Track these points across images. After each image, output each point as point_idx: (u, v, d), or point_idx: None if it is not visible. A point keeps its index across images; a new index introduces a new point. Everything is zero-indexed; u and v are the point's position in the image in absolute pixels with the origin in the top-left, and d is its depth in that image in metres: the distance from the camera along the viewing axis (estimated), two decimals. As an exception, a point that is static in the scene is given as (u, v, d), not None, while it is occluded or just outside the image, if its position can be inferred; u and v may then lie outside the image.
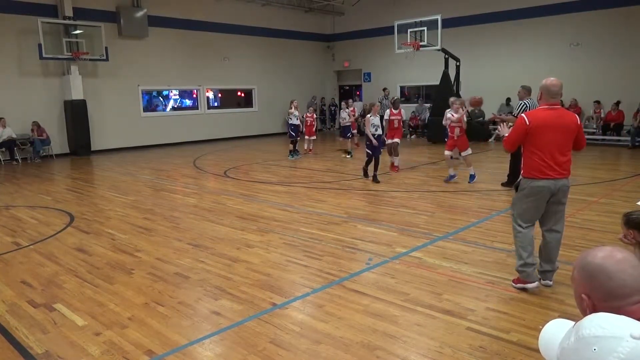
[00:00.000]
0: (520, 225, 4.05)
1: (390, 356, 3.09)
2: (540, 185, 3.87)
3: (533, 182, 3.90)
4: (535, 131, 3.82)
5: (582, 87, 15.14)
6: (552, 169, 3.83)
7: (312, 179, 9.94)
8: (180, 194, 8.78)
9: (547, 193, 3.89)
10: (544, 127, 3.80)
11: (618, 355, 0.80)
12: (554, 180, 3.84)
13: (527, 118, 3.87)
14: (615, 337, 0.85)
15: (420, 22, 15.05)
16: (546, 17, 15.70)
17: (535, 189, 3.90)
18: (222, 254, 5.26)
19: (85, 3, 14.77)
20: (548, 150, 3.82)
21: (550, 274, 4.10)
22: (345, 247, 5.38)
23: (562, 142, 3.83)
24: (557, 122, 3.81)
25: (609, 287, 1.07)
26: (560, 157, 3.84)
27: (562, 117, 3.86)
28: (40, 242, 5.91)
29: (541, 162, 3.84)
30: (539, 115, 3.85)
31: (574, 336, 0.89)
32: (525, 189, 3.97)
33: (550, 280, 4.10)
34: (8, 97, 13.71)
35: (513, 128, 4.02)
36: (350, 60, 21.99)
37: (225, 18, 18.36)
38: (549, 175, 3.83)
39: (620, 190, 7.91)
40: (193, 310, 3.86)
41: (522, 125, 3.87)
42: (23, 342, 3.40)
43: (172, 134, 17.43)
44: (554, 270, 4.11)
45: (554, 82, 3.81)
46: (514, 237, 4.14)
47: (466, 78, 16.16)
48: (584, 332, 0.87)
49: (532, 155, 3.88)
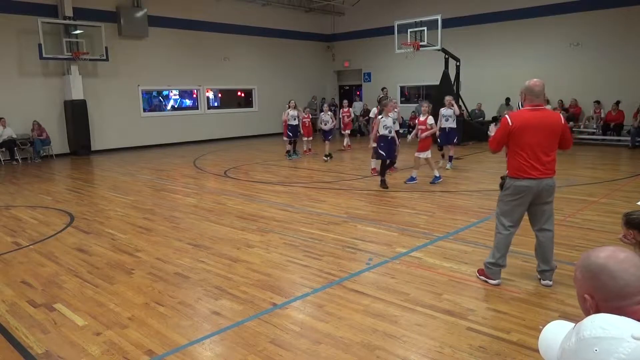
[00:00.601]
0: (503, 225, 4.11)
1: (390, 356, 3.09)
2: (524, 185, 3.92)
3: (517, 181, 3.96)
4: (519, 132, 3.88)
5: (582, 87, 15.16)
6: (535, 169, 3.88)
7: (312, 179, 9.94)
8: (180, 194, 8.78)
9: (530, 193, 3.94)
10: (528, 127, 3.85)
11: (619, 356, 0.80)
12: (537, 180, 3.89)
13: (511, 119, 3.93)
14: (616, 338, 0.85)
15: (420, 22, 15.04)
16: (546, 17, 15.71)
17: (518, 189, 3.96)
18: (222, 254, 5.26)
19: (85, 3, 14.77)
20: (531, 150, 3.87)
21: (549, 274, 4.12)
22: (346, 247, 5.38)
23: (545, 142, 3.88)
24: (541, 122, 3.86)
25: (612, 287, 1.07)
26: (543, 157, 3.88)
27: (546, 117, 3.91)
28: (41, 242, 5.91)
29: (524, 162, 3.89)
30: (523, 116, 3.91)
31: (575, 337, 0.89)
32: (509, 188, 4.03)
33: (550, 280, 4.12)
34: (8, 97, 13.72)
35: (498, 128, 4.10)
36: (350, 60, 22.00)
37: (225, 18, 18.36)
38: (532, 175, 3.89)
39: (620, 190, 7.91)
40: (193, 310, 3.86)
41: (506, 125, 3.94)
42: (23, 342, 3.40)
43: (172, 134, 17.44)
44: (552, 269, 4.13)
45: (536, 82, 3.88)
46: (495, 234, 4.21)
47: (466, 78, 16.16)
48: (584, 333, 0.87)
49: (516, 156, 3.94)
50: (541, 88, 3.87)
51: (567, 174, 9.68)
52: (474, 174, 10.09)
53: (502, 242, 4.12)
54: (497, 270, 4.16)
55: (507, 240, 4.13)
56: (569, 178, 8.93)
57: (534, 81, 3.89)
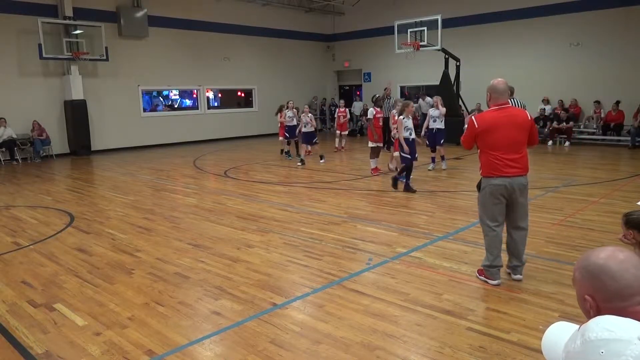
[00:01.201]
0: (489, 226, 4.14)
1: (390, 356, 3.09)
2: (497, 183, 4.00)
3: (490, 180, 4.04)
4: (486, 133, 3.99)
5: (582, 87, 15.16)
6: (507, 166, 3.96)
7: (312, 179, 9.94)
8: (180, 194, 8.78)
9: (505, 191, 4.00)
10: (494, 127, 3.96)
11: (627, 358, 0.80)
12: (510, 178, 3.97)
13: (477, 121, 4.05)
14: (623, 340, 0.84)
15: (420, 22, 15.04)
16: (546, 17, 15.70)
17: (492, 187, 4.03)
18: (222, 254, 5.26)
19: (85, 3, 14.77)
20: (502, 148, 3.96)
21: (520, 268, 4.24)
22: (345, 247, 5.38)
23: (514, 139, 3.97)
24: (509, 120, 3.97)
25: (612, 288, 1.07)
26: (514, 155, 3.98)
27: (513, 115, 4.02)
28: (41, 242, 5.91)
29: (496, 160, 3.98)
30: (488, 117, 4.04)
31: (580, 339, 0.89)
32: (485, 188, 4.10)
33: (520, 274, 4.24)
34: (8, 97, 13.71)
35: (466, 129, 4.20)
36: (350, 60, 21.99)
37: (225, 18, 18.36)
38: (505, 172, 3.96)
39: (620, 190, 7.90)
40: (193, 310, 3.86)
41: (472, 127, 4.07)
42: (23, 342, 3.40)
43: (172, 134, 17.44)
44: (523, 264, 4.24)
45: (500, 80, 4.06)
46: (484, 237, 4.24)
47: (466, 78, 16.16)
48: (590, 335, 0.87)
49: (487, 155, 4.04)
50: (505, 86, 4.04)
51: (567, 174, 9.69)
52: (474, 174, 10.06)
53: (492, 243, 4.15)
54: (496, 270, 4.17)
55: (497, 240, 4.15)
56: (569, 178, 8.92)
57: (498, 80, 4.08)
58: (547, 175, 9.37)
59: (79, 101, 14.74)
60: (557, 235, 5.56)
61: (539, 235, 5.46)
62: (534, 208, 6.13)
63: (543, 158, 12.01)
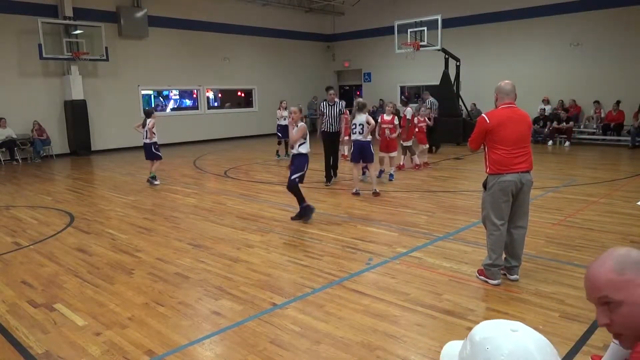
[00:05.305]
0: (495, 224, 4.14)
1: (390, 356, 3.09)
2: (507, 179, 4.02)
3: (500, 177, 4.05)
4: (497, 128, 4.04)
5: (582, 87, 15.16)
6: (517, 162, 4.02)
7: (312, 179, 9.93)
8: (180, 194, 8.77)
9: (514, 187, 4.03)
10: (505, 123, 4.04)
11: (507, 346, 0.88)
12: (519, 174, 4.02)
13: (488, 117, 4.11)
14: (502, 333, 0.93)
15: (420, 22, 15.04)
16: (546, 17, 15.70)
17: (502, 184, 4.04)
18: (222, 254, 5.26)
19: (85, 3, 14.77)
20: (513, 143, 4.03)
21: (517, 269, 4.27)
22: (345, 247, 5.38)
23: (523, 134, 4.10)
24: (516, 117, 4.09)
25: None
26: (522, 150, 4.07)
27: (519, 114, 4.15)
28: (41, 242, 5.91)
29: (507, 155, 4.03)
30: (498, 114, 4.11)
31: (469, 344, 0.96)
32: (494, 185, 4.09)
33: (517, 274, 4.25)
34: (8, 97, 13.72)
35: (475, 127, 4.21)
36: (350, 60, 21.99)
37: (225, 18, 18.36)
38: (515, 168, 4.01)
39: (620, 190, 7.90)
40: (193, 310, 3.86)
41: (483, 123, 4.10)
42: (23, 342, 3.40)
43: (172, 134, 17.42)
44: (520, 265, 4.27)
45: (506, 82, 4.19)
46: (488, 236, 4.24)
47: (466, 78, 16.16)
48: (476, 338, 0.94)
49: (497, 151, 4.07)
50: (511, 87, 4.15)
51: (567, 174, 9.69)
52: (474, 174, 10.08)
53: (497, 241, 4.14)
54: (497, 270, 4.18)
55: (502, 238, 4.15)
56: (569, 178, 8.91)
57: (505, 82, 4.18)
58: (547, 175, 9.37)
59: (79, 101, 14.74)
60: (557, 235, 5.56)
61: (539, 235, 5.47)
62: (534, 208, 6.12)
63: (543, 158, 12.00)
